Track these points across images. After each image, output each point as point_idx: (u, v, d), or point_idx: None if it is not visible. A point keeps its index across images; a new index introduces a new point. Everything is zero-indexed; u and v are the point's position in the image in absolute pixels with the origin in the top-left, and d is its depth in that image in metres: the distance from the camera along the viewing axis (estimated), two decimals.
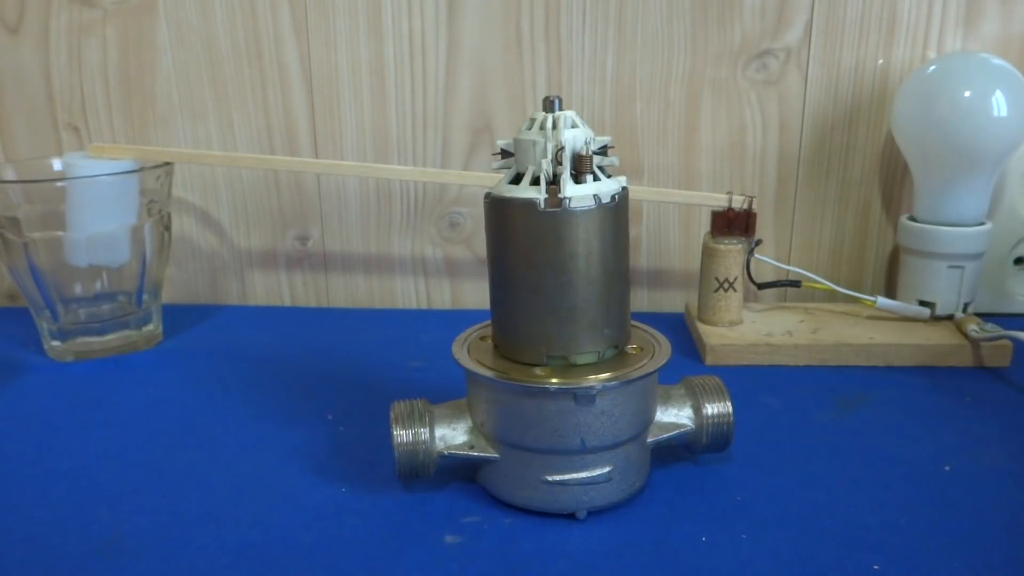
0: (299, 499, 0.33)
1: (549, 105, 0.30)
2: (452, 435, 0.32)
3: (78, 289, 0.49)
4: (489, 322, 0.33)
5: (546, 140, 0.29)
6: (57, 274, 0.48)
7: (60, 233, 0.47)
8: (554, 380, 0.29)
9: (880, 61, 0.54)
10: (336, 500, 0.33)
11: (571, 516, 0.31)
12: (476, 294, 0.60)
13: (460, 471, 0.34)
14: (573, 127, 0.29)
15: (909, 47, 0.54)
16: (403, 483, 0.34)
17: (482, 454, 0.32)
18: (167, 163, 0.50)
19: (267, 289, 0.62)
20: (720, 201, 0.49)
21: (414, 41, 0.55)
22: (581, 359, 0.30)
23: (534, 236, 0.29)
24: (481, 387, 0.31)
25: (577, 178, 0.29)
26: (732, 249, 0.49)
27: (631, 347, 0.32)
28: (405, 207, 0.59)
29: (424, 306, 0.61)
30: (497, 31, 0.55)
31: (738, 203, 0.49)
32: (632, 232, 0.58)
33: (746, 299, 0.53)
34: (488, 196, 0.30)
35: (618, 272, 0.30)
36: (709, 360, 0.47)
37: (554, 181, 0.29)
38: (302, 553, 0.29)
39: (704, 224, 0.57)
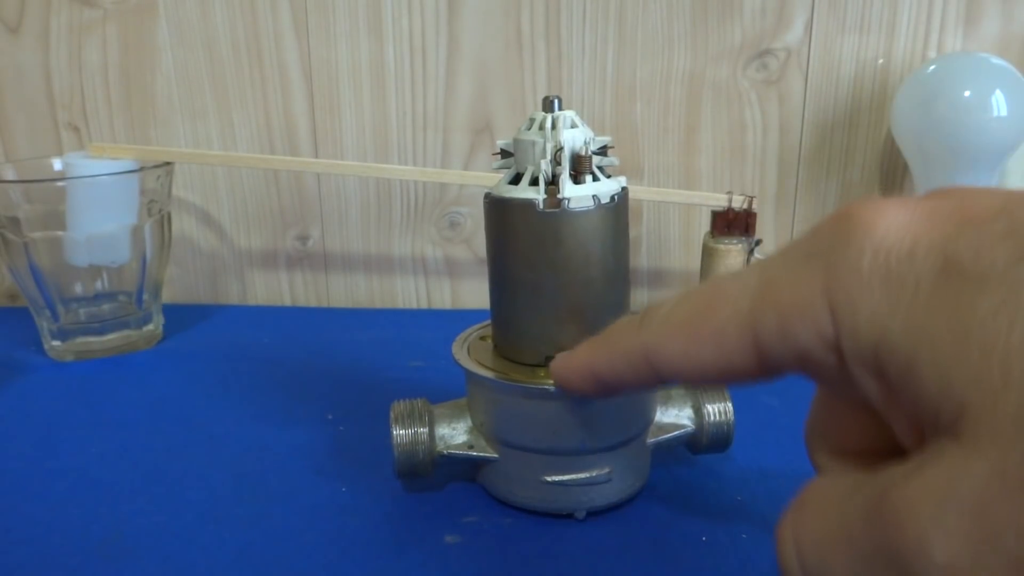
0: (299, 499, 0.33)
1: (548, 105, 0.30)
2: (452, 435, 0.32)
3: (78, 289, 0.49)
4: (489, 322, 0.33)
5: (545, 140, 0.29)
6: (57, 274, 0.48)
7: (60, 233, 0.47)
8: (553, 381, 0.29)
9: (880, 61, 0.54)
10: (336, 500, 0.33)
11: (570, 516, 0.31)
12: (476, 294, 0.60)
13: (460, 471, 0.34)
14: (572, 127, 0.29)
15: (909, 47, 0.54)
16: (402, 482, 0.34)
17: (481, 454, 0.32)
18: (167, 163, 0.50)
19: (267, 289, 0.62)
20: (720, 201, 0.49)
21: (414, 41, 0.55)
22: None
23: (533, 236, 0.29)
24: (481, 387, 0.31)
25: (576, 178, 0.29)
26: (732, 249, 0.49)
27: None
28: (405, 207, 0.59)
29: (424, 306, 0.61)
30: (497, 31, 0.55)
31: (738, 203, 0.49)
32: (632, 232, 0.58)
33: None
34: (488, 196, 0.30)
35: (618, 273, 0.30)
36: None
37: (553, 181, 0.29)
38: (302, 553, 0.29)
39: (704, 224, 0.57)
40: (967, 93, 0.47)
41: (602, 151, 0.30)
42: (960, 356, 0.14)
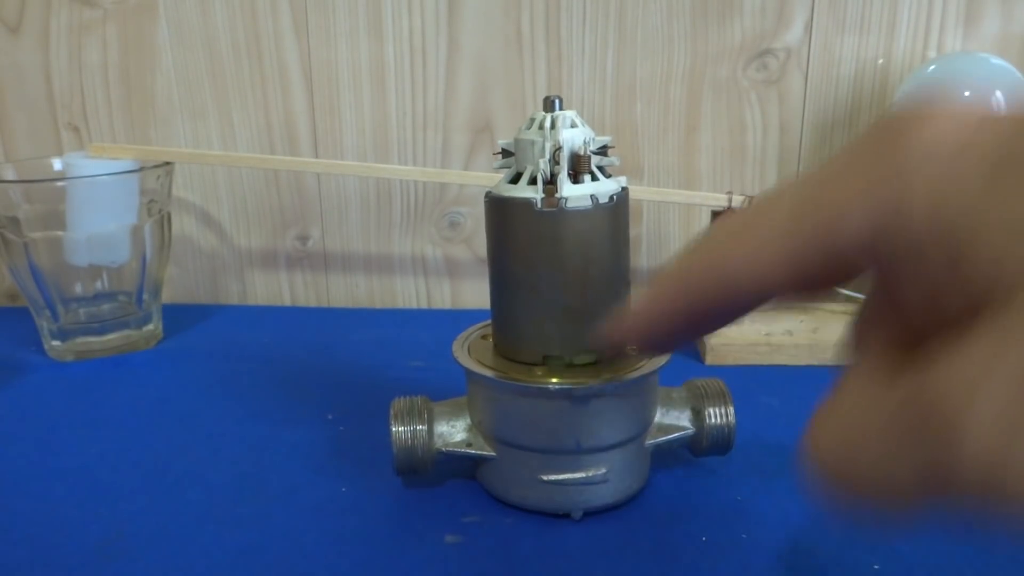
0: (299, 498, 0.33)
1: (549, 105, 0.30)
2: (450, 432, 0.32)
3: (78, 289, 0.49)
4: (490, 321, 0.33)
5: (544, 140, 0.29)
6: (57, 274, 0.48)
7: (60, 233, 0.47)
8: (554, 380, 0.29)
9: (880, 61, 0.54)
10: (336, 499, 0.33)
11: (567, 516, 0.31)
12: (476, 294, 0.60)
13: (461, 469, 0.34)
14: (572, 127, 0.29)
15: (909, 47, 0.54)
16: (402, 479, 0.34)
17: (479, 452, 0.32)
18: (167, 163, 0.50)
19: (267, 289, 0.62)
20: (720, 201, 0.49)
21: (414, 41, 0.55)
22: (579, 359, 0.30)
23: (531, 236, 0.29)
24: (479, 386, 0.31)
25: (575, 178, 0.29)
26: None
27: (631, 348, 0.32)
28: (405, 207, 0.59)
29: (424, 306, 0.61)
30: (497, 31, 0.55)
31: (738, 203, 0.49)
32: (632, 232, 0.58)
33: None
34: (488, 195, 0.30)
35: (617, 273, 0.30)
36: (709, 359, 0.47)
37: (551, 181, 0.29)
38: (302, 553, 0.29)
39: (704, 224, 0.57)
40: (967, 93, 0.47)
41: (602, 151, 0.30)
42: (1015, 238, 0.14)
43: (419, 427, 0.32)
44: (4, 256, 0.48)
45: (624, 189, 0.30)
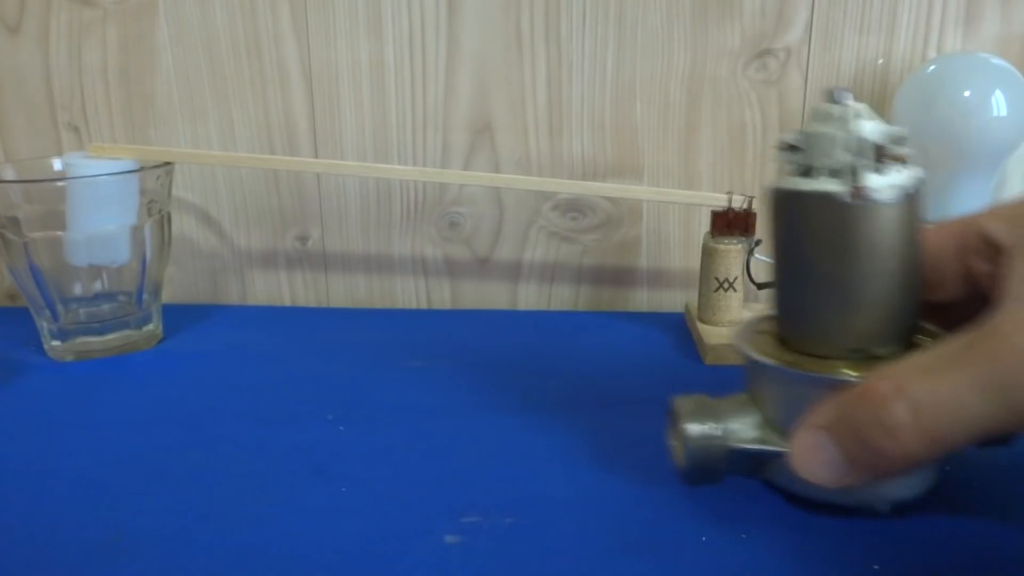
0: (299, 499, 0.33)
1: (839, 97, 0.29)
2: (742, 429, 0.31)
3: (78, 289, 0.49)
4: (763, 316, 0.34)
5: (844, 133, 0.29)
6: (57, 274, 0.48)
7: (60, 233, 0.47)
8: (858, 374, 0.29)
9: (880, 61, 0.54)
10: (336, 500, 0.33)
11: (871, 510, 0.30)
12: (476, 294, 0.60)
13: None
14: (869, 119, 0.29)
15: (909, 47, 0.54)
16: (691, 482, 0.32)
17: (776, 448, 0.31)
18: (167, 163, 0.50)
19: (267, 289, 0.62)
20: (720, 201, 0.49)
21: (414, 41, 0.55)
22: (882, 352, 0.30)
23: (836, 229, 0.29)
24: (773, 381, 0.31)
25: (878, 170, 0.29)
26: (732, 249, 0.49)
27: (919, 338, 0.32)
28: (405, 207, 0.59)
29: (424, 306, 0.61)
30: (497, 31, 0.55)
31: (738, 203, 0.49)
32: (632, 232, 0.58)
33: (746, 299, 0.53)
34: (778, 190, 0.30)
35: (916, 262, 0.30)
36: (709, 360, 0.47)
37: (854, 173, 0.29)
38: (302, 553, 0.29)
39: (704, 224, 0.57)
40: (967, 93, 0.47)
41: (898, 141, 0.30)
42: None
43: (713, 425, 0.31)
44: (4, 256, 0.48)
45: (922, 178, 0.30)
